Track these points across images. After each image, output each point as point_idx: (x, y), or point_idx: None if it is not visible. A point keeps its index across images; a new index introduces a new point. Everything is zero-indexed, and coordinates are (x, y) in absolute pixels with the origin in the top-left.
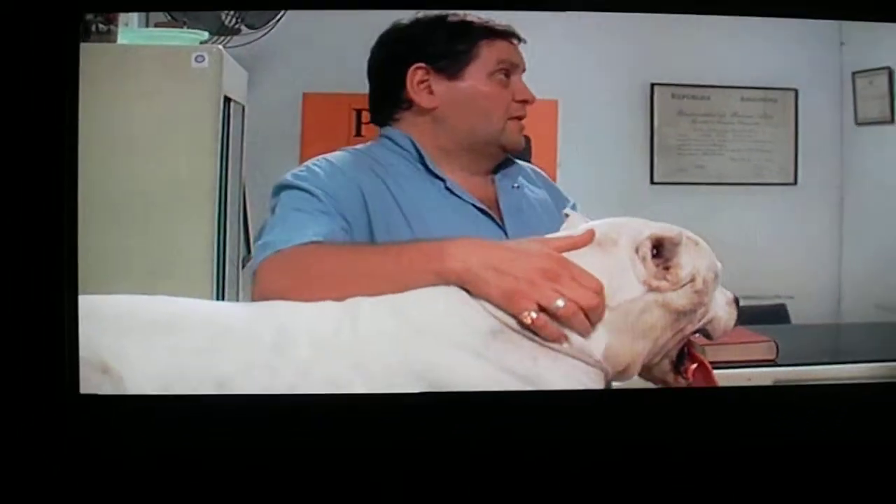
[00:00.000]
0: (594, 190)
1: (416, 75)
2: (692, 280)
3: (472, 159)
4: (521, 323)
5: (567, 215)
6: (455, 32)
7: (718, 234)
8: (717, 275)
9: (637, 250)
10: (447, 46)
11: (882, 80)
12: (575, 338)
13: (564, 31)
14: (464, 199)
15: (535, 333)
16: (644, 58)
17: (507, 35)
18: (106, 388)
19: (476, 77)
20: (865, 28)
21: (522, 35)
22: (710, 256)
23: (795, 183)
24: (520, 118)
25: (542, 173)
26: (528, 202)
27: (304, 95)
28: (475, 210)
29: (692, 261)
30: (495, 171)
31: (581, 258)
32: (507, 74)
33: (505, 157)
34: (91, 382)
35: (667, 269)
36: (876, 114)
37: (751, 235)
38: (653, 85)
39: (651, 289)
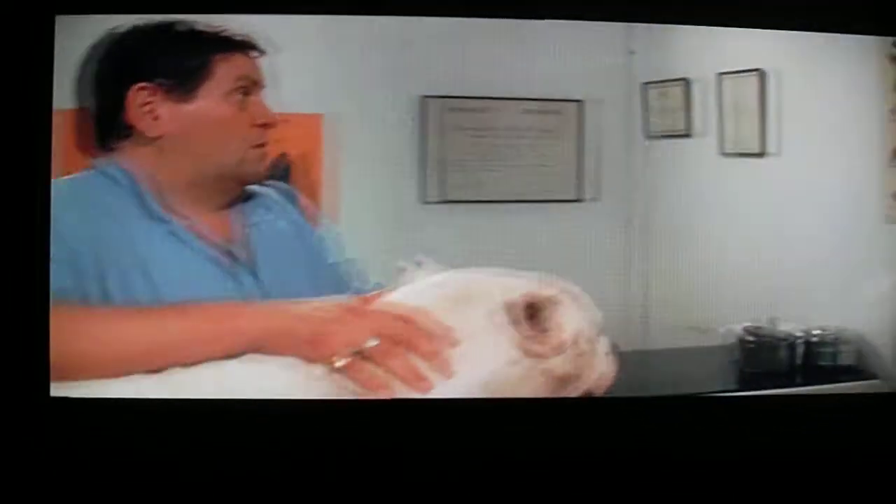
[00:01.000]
0: (362, 211)
1: (137, 97)
2: (575, 342)
3: (208, 194)
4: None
5: (419, 264)
6: (183, 45)
7: (499, 257)
8: (599, 329)
9: (507, 312)
10: (174, 62)
11: (677, 92)
12: None
13: (328, 40)
14: (194, 244)
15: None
16: (416, 68)
17: (246, 47)
18: None
19: (209, 99)
20: (657, 35)
21: (263, 46)
22: (592, 309)
23: (581, 200)
24: (262, 146)
25: (297, 195)
26: (281, 233)
27: None
28: (212, 253)
29: (573, 321)
30: (241, 201)
31: (438, 315)
32: (246, 94)
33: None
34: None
35: (544, 332)
36: (669, 127)
37: (534, 256)
38: (425, 97)
39: (529, 355)
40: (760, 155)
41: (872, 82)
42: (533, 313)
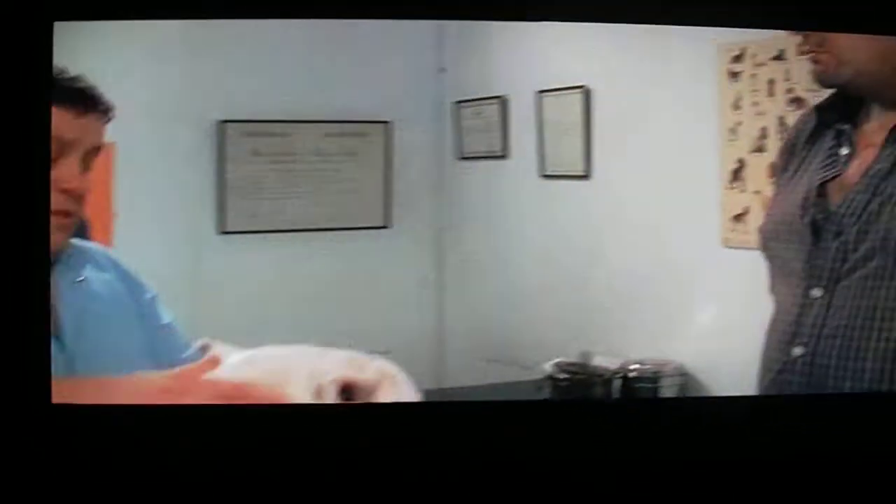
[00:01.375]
0: (157, 244)
1: None
2: None
3: None
4: None
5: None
6: None
7: (300, 288)
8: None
9: (318, 393)
10: None
11: (493, 111)
12: None
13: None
14: None
15: None
16: (211, 92)
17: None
18: None
19: None
20: (470, 51)
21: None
22: (408, 387)
23: (388, 227)
24: (65, 213)
25: (113, 257)
26: (96, 296)
27: None
28: None
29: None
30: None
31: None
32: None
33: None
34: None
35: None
36: (483, 147)
37: (337, 286)
38: (222, 122)
39: None
40: (584, 177)
41: (709, 100)
42: (349, 395)
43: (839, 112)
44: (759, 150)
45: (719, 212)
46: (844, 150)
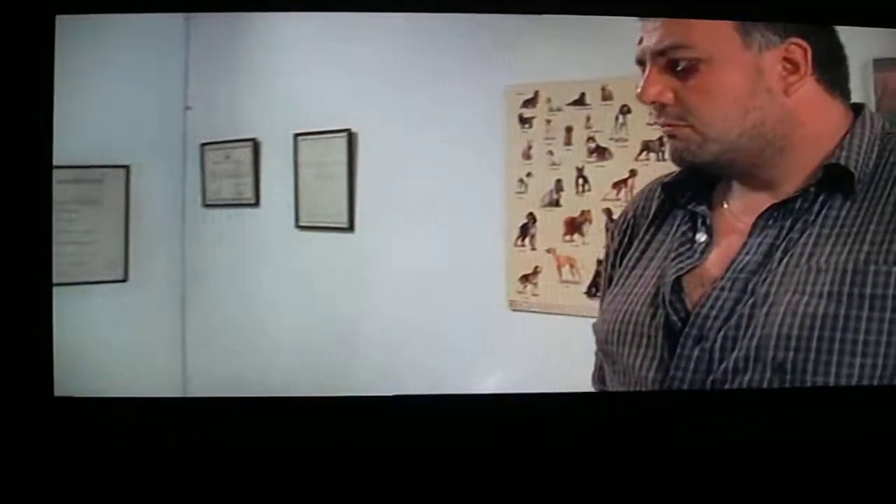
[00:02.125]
0: None
1: None
2: None
3: None
4: None
5: None
6: None
7: None
8: None
9: None
10: None
11: (243, 154)
12: None
13: None
14: None
15: None
16: None
17: None
18: None
19: None
20: (218, 88)
21: None
22: None
23: (126, 279)
24: None
25: None
26: None
27: None
28: None
29: None
30: None
31: None
32: None
33: None
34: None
35: None
36: (232, 194)
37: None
38: None
39: None
40: (347, 229)
41: (496, 149)
42: None
43: (692, 190)
44: (553, 204)
45: (505, 271)
46: (701, 237)
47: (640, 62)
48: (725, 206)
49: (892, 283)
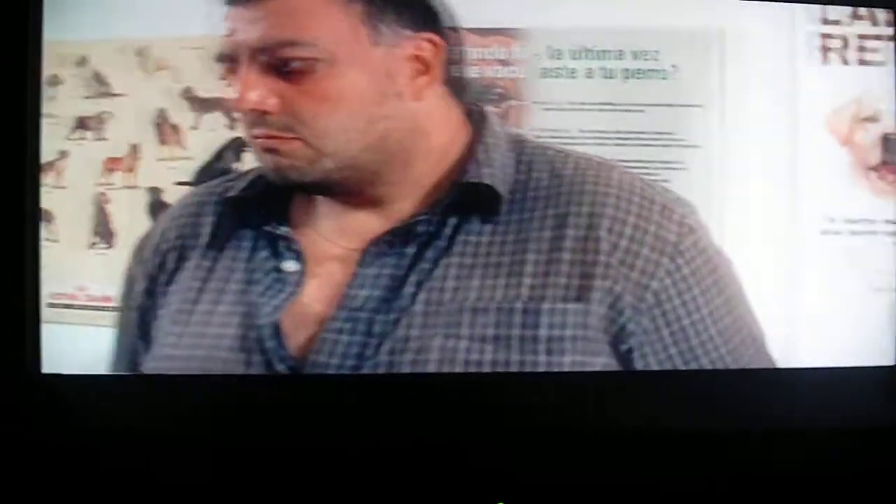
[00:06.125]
0: None
1: None
2: None
3: None
4: None
5: None
6: None
7: None
8: None
9: None
10: None
11: None
12: None
13: None
14: None
15: None
16: None
17: None
18: None
19: None
20: None
21: None
22: None
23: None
24: None
25: None
26: None
27: None
28: None
29: None
30: None
31: None
32: None
33: None
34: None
35: None
36: None
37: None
38: None
39: None
40: None
41: None
42: None
43: (267, 208)
44: None
45: None
46: (291, 266)
47: (230, 58)
48: (310, 227)
49: (568, 322)
